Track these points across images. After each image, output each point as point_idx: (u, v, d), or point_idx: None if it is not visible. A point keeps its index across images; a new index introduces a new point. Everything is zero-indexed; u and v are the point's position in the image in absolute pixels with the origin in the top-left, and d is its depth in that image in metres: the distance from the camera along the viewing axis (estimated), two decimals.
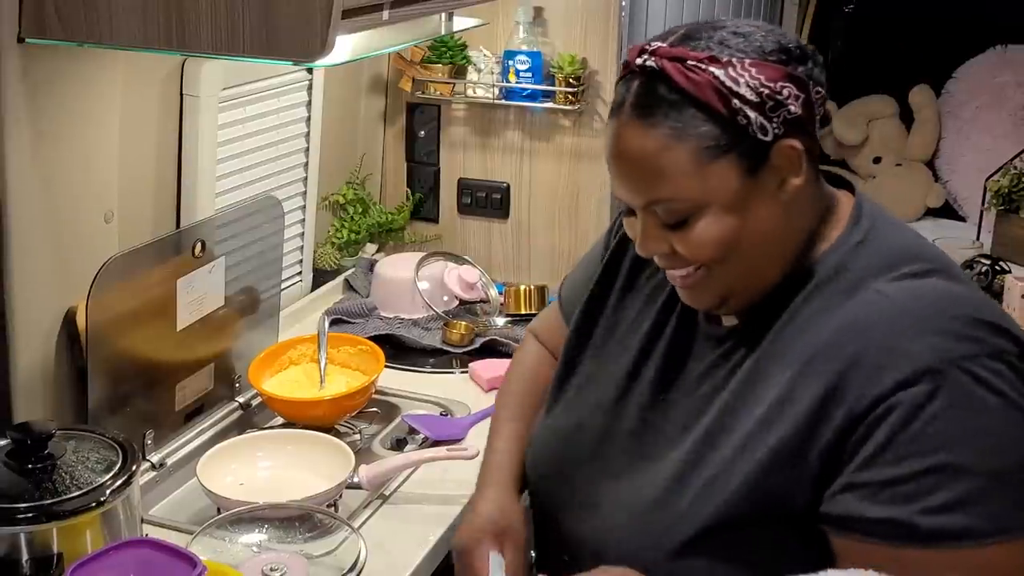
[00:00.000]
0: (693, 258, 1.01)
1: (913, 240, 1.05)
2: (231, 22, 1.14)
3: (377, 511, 1.43)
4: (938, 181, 3.20)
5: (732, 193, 0.98)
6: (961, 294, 0.98)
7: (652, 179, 0.98)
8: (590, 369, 1.18)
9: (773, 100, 0.97)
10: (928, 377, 0.90)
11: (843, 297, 0.99)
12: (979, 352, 0.92)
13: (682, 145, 0.96)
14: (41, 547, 1.08)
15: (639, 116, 0.98)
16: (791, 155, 0.99)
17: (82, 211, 1.40)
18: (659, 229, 1.01)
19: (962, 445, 0.90)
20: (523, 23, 2.11)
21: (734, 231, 0.98)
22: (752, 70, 0.96)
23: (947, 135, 3.20)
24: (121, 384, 1.41)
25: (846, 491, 0.93)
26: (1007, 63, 3.10)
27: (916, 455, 0.90)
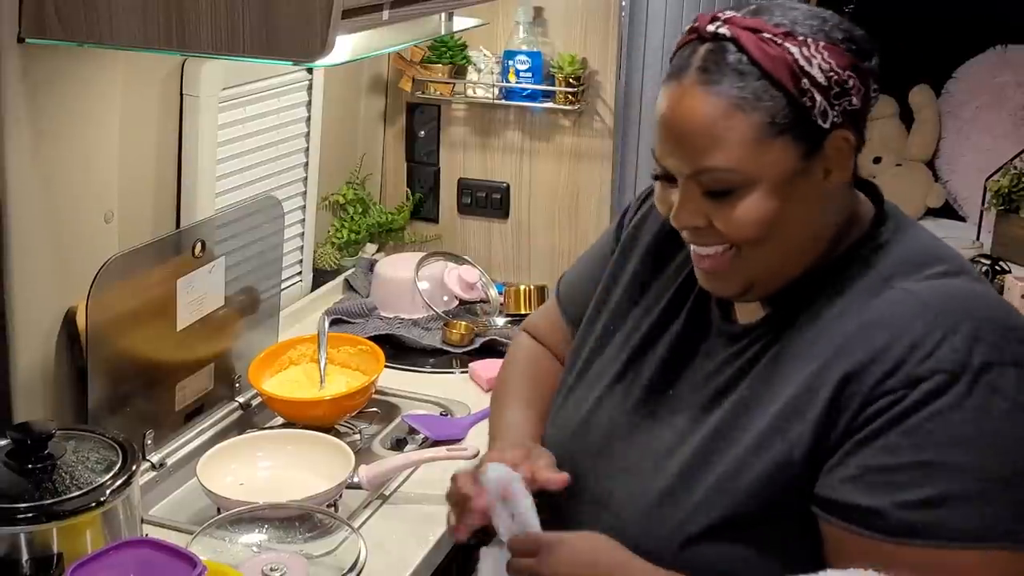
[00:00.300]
0: (730, 235, 0.99)
1: (936, 243, 1.04)
2: (231, 22, 1.14)
3: (377, 511, 1.43)
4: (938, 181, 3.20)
5: (784, 173, 0.96)
6: (988, 298, 0.97)
7: (708, 146, 0.96)
8: (598, 365, 1.18)
9: (840, 87, 0.96)
10: (944, 374, 0.90)
11: (868, 295, 0.98)
12: (1000, 359, 0.91)
13: (746, 116, 0.95)
14: (41, 547, 1.08)
15: (705, 81, 0.95)
16: (843, 147, 0.98)
17: (82, 211, 1.40)
18: (700, 200, 0.99)
19: (959, 446, 0.89)
20: (523, 23, 2.11)
21: (776, 213, 0.97)
22: (824, 53, 0.96)
23: (947, 135, 3.19)
24: (121, 384, 1.41)
25: (833, 471, 0.93)
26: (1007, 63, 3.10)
27: (909, 447, 0.90)
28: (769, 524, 0.97)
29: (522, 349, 1.38)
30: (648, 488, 1.04)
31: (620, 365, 1.14)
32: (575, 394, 1.18)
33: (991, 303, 0.97)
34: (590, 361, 1.19)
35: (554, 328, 1.33)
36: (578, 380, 1.19)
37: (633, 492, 1.06)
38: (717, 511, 0.98)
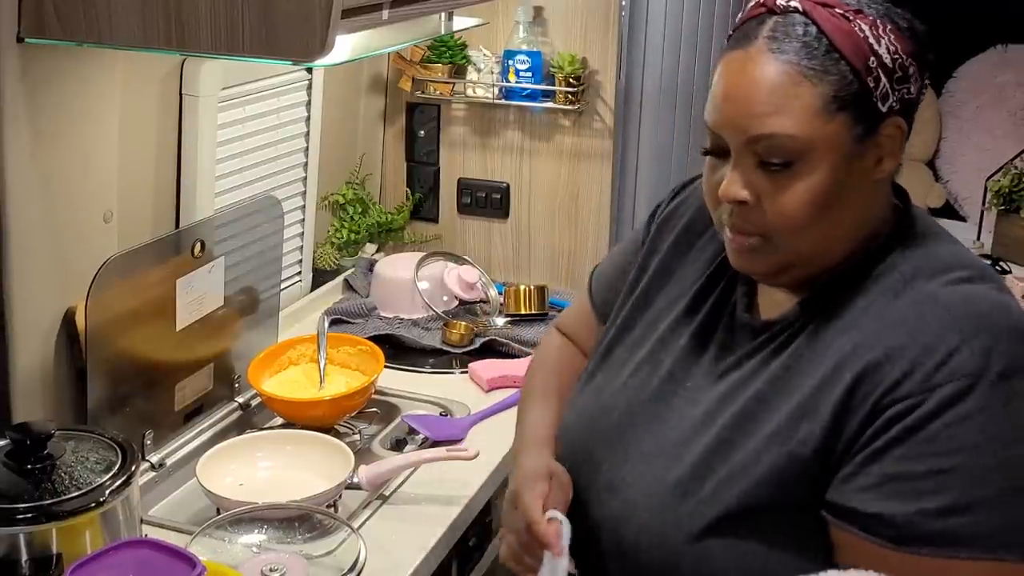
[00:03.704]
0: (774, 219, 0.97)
1: (959, 249, 1.03)
2: (230, 22, 1.13)
3: (377, 511, 1.43)
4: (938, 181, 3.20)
5: (840, 151, 0.95)
6: (1009, 307, 0.96)
7: (771, 111, 0.94)
8: (619, 353, 1.18)
9: (902, 72, 0.96)
10: (962, 380, 0.89)
11: (890, 296, 0.97)
12: (1019, 368, 0.90)
13: (812, 86, 0.94)
14: (40, 547, 1.08)
15: (773, 49, 0.95)
16: (896, 135, 0.98)
17: (81, 211, 1.40)
18: (753, 172, 0.97)
19: (980, 453, 0.88)
20: (523, 23, 2.11)
21: (828, 193, 0.96)
22: (891, 36, 0.96)
23: (947, 135, 3.19)
24: (120, 384, 1.40)
25: (850, 479, 0.93)
26: (1008, 63, 3.10)
27: (929, 455, 0.89)
28: (778, 519, 0.97)
29: (550, 345, 1.38)
30: (660, 478, 1.04)
31: (643, 353, 1.14)
32: (595, 380, 1.18)
33: (1012, 311, 0.95)
34: (612, 348, 1.18)
35: (583, 323, 1.33)
36: (599, 366, 1.19)
37: (645, 481, 1.06)
38: (726, 504, 0.98)
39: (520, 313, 2.02)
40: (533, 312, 2.01)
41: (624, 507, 1.06)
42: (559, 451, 1.18)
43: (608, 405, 1.14)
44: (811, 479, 0.95)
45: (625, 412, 1.11)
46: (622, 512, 1.06)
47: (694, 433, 1.04)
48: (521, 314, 2.02)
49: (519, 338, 1.93)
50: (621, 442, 1.10)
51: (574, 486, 1.13)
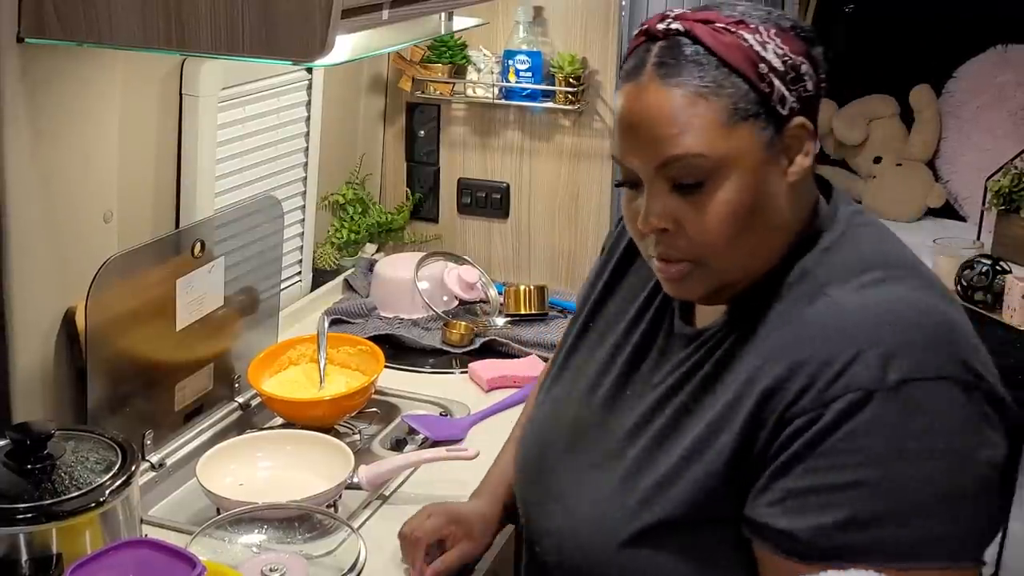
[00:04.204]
0: (699, 238, 0.97)
1: (883, 245, 1.01)
2: (230, 22, 1.13)
3: (377, 511, 1.43)
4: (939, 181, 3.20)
5: (752, 161, 0.95)
6: (922, 307, 0.93)
7: (677, 135, 0.95)
8: (575, 363, 1.19)
9: (795, 72, 0.97)
10: (857, 393, 0.88)
11: (804, 303, 0.96)
12: (919, 375, 0.88)
13: (709, 103, 0.94)
14: (40, 547, 1.08)
15: (664, 75, 0.95)
16: (802, 134, 0.98)
17: (81, 211, 1.40)
18: (669, 197, 0.97)
19: (876, 467, 0.87)
20: (523, 23, 2.11)
21: (748, 204, 0.96)
22: (777, 39, 0.96)
23: (948, 135, 3.19)
24: (120, 384, 1.40)
25: (760, 495, 0.93)
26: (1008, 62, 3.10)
27: (826, 470, 0.89)
28: (701, 533, 0.98)
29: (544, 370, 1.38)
30: (594, 488, 1.06)
31: (594, 363, 1.15)
32: (552, 392, 1.20)
33: (924, 312, 0.93)
34: (569, 358, 1.20)
35: None
36: (557, 377, 1.20)
37: (582, 491, 1.07)
38: (649, 517, 0.99)
39: (520, 313, 2.02)
40: (533, 312, 2.01)
41: (564, 517, 1.08)
42: (517, 462, 1.20)
43: (560, 415, 1.15)
44: (727, 494, 0.96)
45: (573, 422, 1.13)
46: (563, 522, 1.08)
47: (627, 443, 1.05)
48: (521, 314, 2.02)
49: (519, 338, 1.93)
50: (568, 452, 1.11)
51: (526, 494, 1.16)
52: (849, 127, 3.27)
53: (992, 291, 2.53)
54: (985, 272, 2.54)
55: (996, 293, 2.52)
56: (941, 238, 2.79)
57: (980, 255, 2.61)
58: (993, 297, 2.53)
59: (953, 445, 0.88)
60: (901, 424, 0.87)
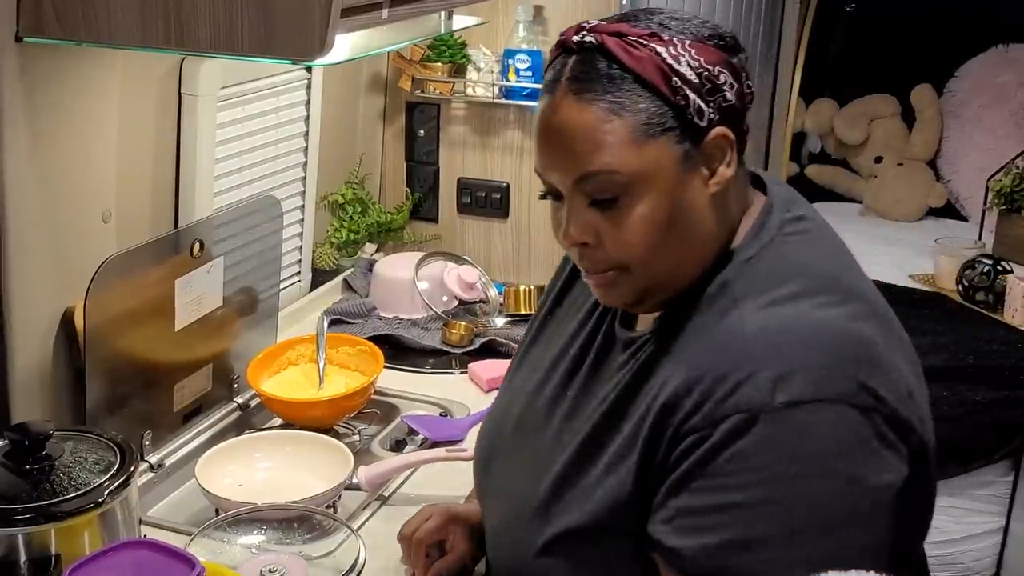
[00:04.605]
0: (618, 253, 0.97)
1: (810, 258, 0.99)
2: (229, 21, 1.13)
3: (376, 512, 1.43)
4: (940, 181, 3.20)
5: (668, 174, 0.95)
6: (826, 326, 0.92)
7: (590, 151, 0.94)
8: (527, 363, 1.20)
9: (711, 83, 0.96)
10: (744, 414, 0.88)
11: (718, 318, 0.96)
12: (812, 396, 0.87)
13: (622, 119, 0.94)
14: (39, 548, 1.08)
15: (577, 91, 0.95)
16: (723, 144, 0.97)
17: (80, 211, 1.39)
18: (588, 212, 0.97)
19: (758, 489, 0.87)
20: (523, 22, 2.11)
21: (665, 218, 0.95)
22: (692, 51, 0.95)
23: (949, 134, 3.19)
24: (119, 385, 1.40)
25: (656, 511, 0.94)
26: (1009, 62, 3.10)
27: (713, 489, 0.89)
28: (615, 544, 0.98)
29: None
30: (523, 491, 1.06)
31: (546, 360, 1.15)
32: (511, 383, 1.20)
33: (827, 332, 0.92)
34: (528, 351, 1.21)
35: None
36: (517, 368, 1.21)
37: (513, 492, 1.08)
38: (566, 523, 1.00)
39: (520, 313, 2.02)
40: (533, 312, 2.00)
41: (498, 516, 1.10)
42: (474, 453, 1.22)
43: (511, 409, 1.16)
44: (633, 507, 0.96)
45: (519, 419, 1.14)
46: (497, 521, 1.10)
47: (557, 447, 1.06)
48: (521, 314, 2.01)
49: (519, 338, 1.92)
50: (511, 450, 1.13)
51: (479, 490, 1.18)
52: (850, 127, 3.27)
53: (993, 291, 2.53)
54: (986, 272, 2.53)
55: (997, 293, 2.52)
56: (942, 238, 2.78)
57: (981, 255, 2.61)
58: (995, 297, 2.53)
59: (841, 468, 0.87)
60: (787, 446, 0.87)
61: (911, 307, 2.53)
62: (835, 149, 3.40)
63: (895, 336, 0.97)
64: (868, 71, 3.32)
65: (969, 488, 2.41)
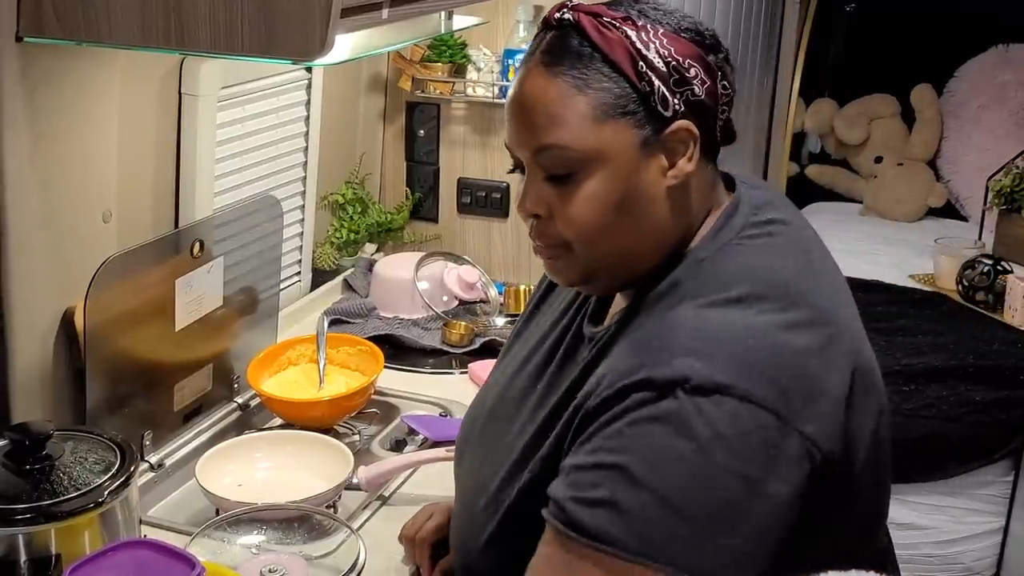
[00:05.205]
0: (565, 229, 0.98)
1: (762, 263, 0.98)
2: (230, 21, 1.13)
3: (376, 512, 1.43)
4: (940, 181, 3.20)
5: (624, 157, 0.96)
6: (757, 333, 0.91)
7: (547, 124, 0.96)
8: (514, 349, 1.21)
9: (679, 74, 0.96)
10: (654, 389, 0.89)
11: (659, 315, 0.96)
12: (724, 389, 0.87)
13: (584, 96, 0.95)
14: (39, 548, 1.08)
15: (546, 64, 0.97)
16: (686, 137, 0.97)
17: (80, 211, 1.39)
18: (542, 186, 0.99)
19: (642, 458, 0.87)
20: (523, 22, 2.11)
21: (615, 201, 0.96)
22: (663, 39, 0.96)
23: (949, 134, 3.19)
24: (119, 384, 1.40)
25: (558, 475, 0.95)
26: (1009, 62, 3.10)
27: (604, 450, 0.90)
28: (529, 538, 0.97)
29: None
30: (481, 483, 1.07)
31: (523, 354, 1.16)
32: (492, 376, 1.22)
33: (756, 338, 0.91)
34: (512, 345, 1.22)
35: None
36: (499, 363, 1.22)
37: (473, 484, 1.10)
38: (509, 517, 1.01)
39: (520, 313, 2.01)
40: None
41: (459, 507, 1.12)
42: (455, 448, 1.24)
43: (483, 406, 1.17)
44: None
45: (490, 411, 1.15)
46: (458, 511, 1.12)
47: (515, 440, 1.07)
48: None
49: None
50: (480, 442, 1.14)
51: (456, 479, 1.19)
52: (850, 127, 3.27)
53: (993, 291, 2.53)
54: (986, 272, 2.53)
55: (997, 293, 2.52)
56: (942, 238, 2.78)
57: (981, 255, 2.61)
58: (995, 297, 2.52)
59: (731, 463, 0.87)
60: (685, 426, 0.87)
61: (911, 307, 2.53)
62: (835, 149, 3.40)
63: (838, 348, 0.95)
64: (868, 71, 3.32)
65: (969, 488, 2.41)
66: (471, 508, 1.08)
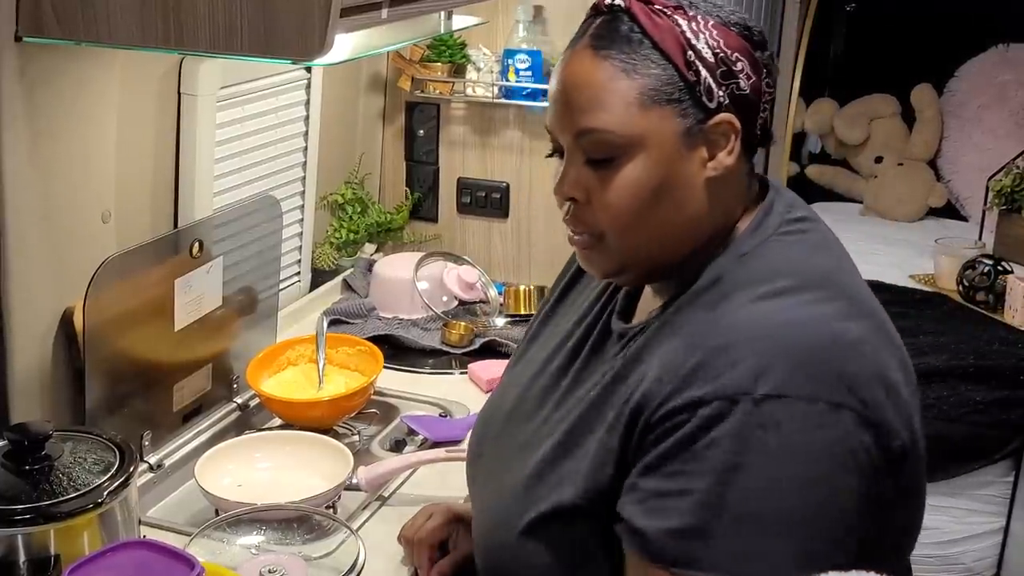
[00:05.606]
0: (602, 215, 0.98)
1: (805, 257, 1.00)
2: (229, 21, 1.13)
3: (376, 513, 1.43)
4: (940, 181, 3.20)
5: (665, 145, 0.96)
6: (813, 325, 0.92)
7: (592, 107, 0.96)
8: (531, 349, 1.20)
9: (727, 67, 0.96)
10: (721, 403, 0.88)
11: (706, 310, 0.96)
12: (788, 392, 0.87)
13: (630, 80, 0.95)
14: (38, 549, 1.07)
15: (596, 47, 0.97)
16: (727, 130, 0.97)
17: (79, 211, 1.39)
18: (583, 169, 0.99)
19: (726, 477, 0.87)
20: (523, 22, 2.11)
21: (653, 188, 0.96)
22: (713, 31, 0.97)
23: (949, 134, 3.19)
24: (119, 385, 1.40)
25: (628, 492, 0.94)
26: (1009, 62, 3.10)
27: (683, 475, 0.89)
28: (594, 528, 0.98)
29: None
30: (509, 476, 1.07)
31: (544, 353, 1.16)
32: (508, 376, 1.22)
33: (812, 330, 0.91)
34: (528, 345, 1.22)
35: None
36: (514, 364, 1.22)
37: (501, 479, 1.09)
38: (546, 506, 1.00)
39: (520, 313, 2.01)
40: (533, 312, 2.00)
41: (484, 501, 1.11)
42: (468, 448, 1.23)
43: (505, 401, 1.17)
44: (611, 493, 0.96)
45: (511, 409, 1.15)
46: (482, 505, 1.11)
47: (544, 432, 1.07)
48: (521, 314, 2.01)
49: (519, 338, 1.92)
50: (501, 436, 1.14)
51: (469, 479, 1.20)
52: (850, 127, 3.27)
53: (994, 291, 2.52)
54: (987, 272, 2.53)
55: (998, 293, 2.52)
56: (942, 238, 2.78)
57: (982, 255, 2.61)
58: (995, 297, 2.52)
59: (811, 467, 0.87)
60: (761, 440, 0.87)
61: (911, 307, 2.53)
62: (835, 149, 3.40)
63: (885, 338, 0.97)
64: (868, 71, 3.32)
65: (969, 488, 2.41)
66: (500, 499, 1.07)
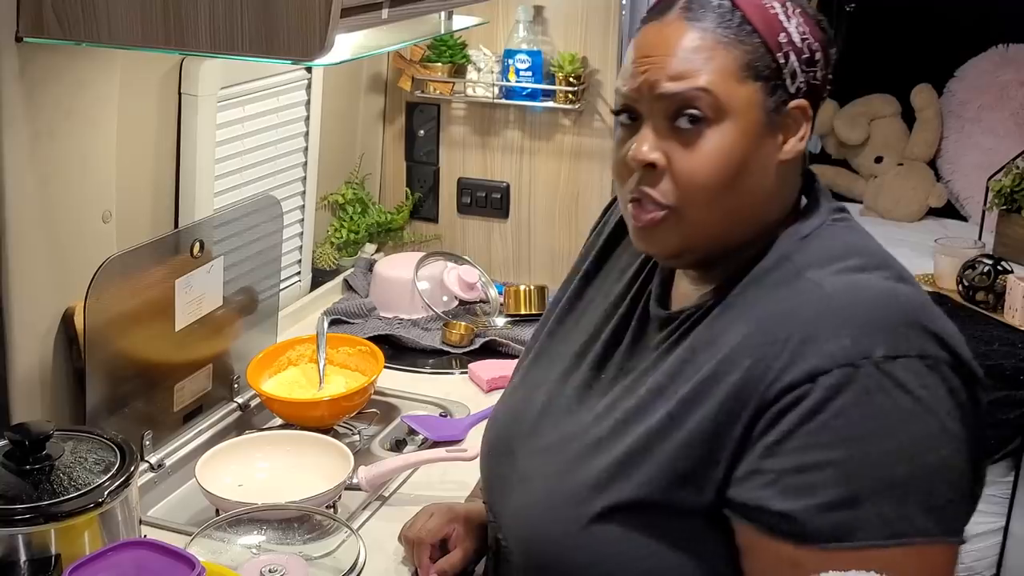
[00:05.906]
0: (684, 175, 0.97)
1: (860, 240, 1.03)
2: (229, 21, 1.13)
3: (376, 512, 1.43)
4: (940, 181, 3.19)
5: (753, 119, 0.96)
6: (902, 293, 0.95)
7: (687, 68, 0.96)
8: (552, 348, 1.19)
9: (811, 54, 0.98)
10: (842, 370, 0.88)
11: (780, 288, 0.97)
12: (903, 352, 0.89)
13: (727, 51, 0.96)
14: (39, 548, 1.08)
15: (690, 17, 0.97)
16: (801, 117, 0.99)
17: (80, 211, 1.39)
18: (664, 132, 0.98)
19: (863, 443, 0.88)
20: (523, 22, 2.11)
21: (737, 160, 0.96)
22: (802, 19, 0.98)
23: (949, 134, 3.18)
24: (119, 385, 1.40)
25: (751, 477, 0.92)
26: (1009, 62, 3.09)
27: (816, 447, 0.89)
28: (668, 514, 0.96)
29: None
30: (556, 468, 1.05)
31: (572, 348, 1.15)
32: (528, 376, 1.19)
33: (898, 300, 0.94)
34: (548, 343, 1.20)
35: None
36: (534, 362, 1.20)
37: (545, 472, 1.07)
38: (615, 495, 0.98)
39: (520, 313, 2.02)
40: (533, 312, 2.01)
41: (527, 496, 1.08)
42: (484, 444, 1.20)
43: (533, 398, 1.15)
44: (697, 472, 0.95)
45: (544, 404, 1.13)
46: (525, 500, 1.08)
47: (594, 424, 1.05)
48: (521, 314, 2.01)
49: (519, 338, 1.93)
50: (535, 434, 1.11)
51: (494, 481, 1.16)
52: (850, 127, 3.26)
53: (994, 291, 2.52)
54: (987, 272, 2.53)
55: (998, 293, 2.52)
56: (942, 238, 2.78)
57: (982, 255, 2.60)
58: (995, 297, 2.52)
59: (933, 420, 0.89)
60: (888, 399, 0.88)
61: None
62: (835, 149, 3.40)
63: None
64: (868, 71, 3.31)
65: None
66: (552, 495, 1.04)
